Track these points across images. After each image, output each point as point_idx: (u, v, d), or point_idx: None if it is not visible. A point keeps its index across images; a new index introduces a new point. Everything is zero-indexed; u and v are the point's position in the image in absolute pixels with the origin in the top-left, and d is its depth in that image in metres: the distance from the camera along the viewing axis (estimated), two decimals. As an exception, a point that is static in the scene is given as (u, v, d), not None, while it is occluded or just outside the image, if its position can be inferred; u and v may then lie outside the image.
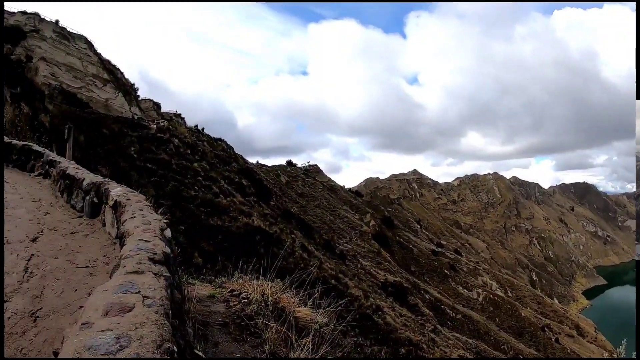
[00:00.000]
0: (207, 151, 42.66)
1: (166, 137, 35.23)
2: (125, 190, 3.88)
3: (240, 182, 37.32)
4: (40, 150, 6.72)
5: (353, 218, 59.98)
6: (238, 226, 24.68)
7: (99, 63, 53.93)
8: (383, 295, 34.85)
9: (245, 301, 2.89)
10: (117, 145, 28.15)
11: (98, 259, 3.43)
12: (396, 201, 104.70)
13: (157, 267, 1.89)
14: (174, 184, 26.23)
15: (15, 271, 3.07)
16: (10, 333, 2.25)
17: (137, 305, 1.47)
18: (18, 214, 4.33)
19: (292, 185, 63.62)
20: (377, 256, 49.78)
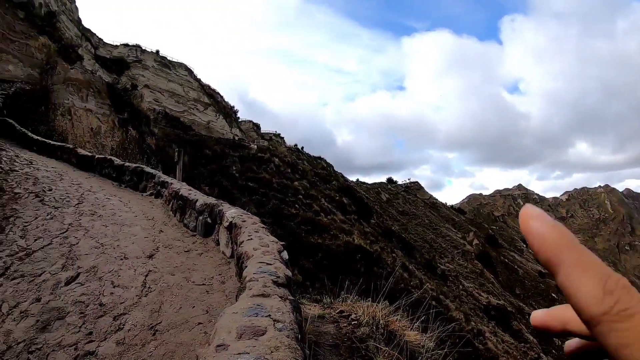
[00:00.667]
0: (307, 170, 50.22)
1: (267, 157, 42.96)
2: (240, 212, 4.56)
3: (340, 200, 43.33)
4: (152, 172, 8.32)
5: (455, 236, 67.19)
6: (338, 244, 28.91)
7: (200, 88, 67.95)
8: (485, 319, 38.12)
9: (355, 323, 3.28)
10: (220, 165, 35.03)
11: (213, 277, 3.95)
12: (500, 218, 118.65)
13: (281, 290, 2.24)
14: (275, 202, 31.87)
15: (134, 286, 3.75)
16: (130, 344, 2.70)
17: (269, 328, 1.73)
18: (134, 232, 5.38)
19: (393, 203, 72.36)
20: (480, 277, 54.54)
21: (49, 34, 27.99)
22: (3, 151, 9.00)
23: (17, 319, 3.06)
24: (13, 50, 22.79)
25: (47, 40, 25.22)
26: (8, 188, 6.24)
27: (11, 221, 4.99)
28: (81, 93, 20.06)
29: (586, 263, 0.28)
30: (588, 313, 0.27)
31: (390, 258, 33.41)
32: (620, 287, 0.27)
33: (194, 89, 67.45)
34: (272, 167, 41.09)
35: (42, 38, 25.28)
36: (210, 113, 66.94)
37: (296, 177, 42.61)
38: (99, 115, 19.89)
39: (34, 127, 13.29)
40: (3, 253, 4.12)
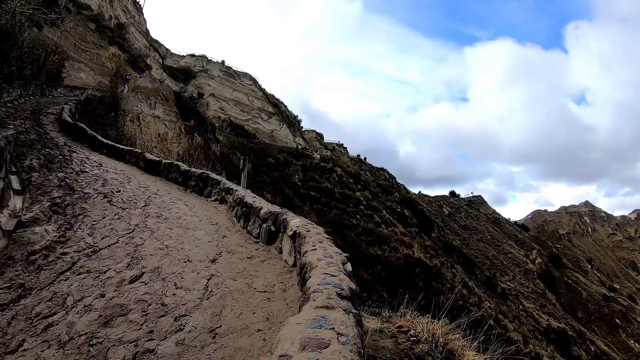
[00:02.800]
0: (369, 180, 51.73)
1: (329, 167, 44.86)
2: (304, 221, 4.62)
3: (402, 212, 44.89)
4: (217, 178, 8.63)
5: (518, 254, 69.97)
6: (398, 257, 30.11)
7: (264, 97, 71.92)
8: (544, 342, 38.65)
9: (414, 339, 3.39)
10: (282, 173, 36.97)
11: (275, 285, 3.95)
12: (565, 237, 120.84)
13: (345, 303, 2.31)
14: (336, 212, 33.71)
15: (196, 288, 3.83)
16: (189, 346, 2.77)
17: (333, 342, 1.78)
18: (198, 235, 5.55)
19: (455, 217, 76.57)
20: (542, 298, 56.55)
21: (119, 44, 30.48)
22: (74, 153, 9.77)
23: (80, 312, 3.22)
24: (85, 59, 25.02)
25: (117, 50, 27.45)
26: (78, 188, 6.72)
27: (80, 219, 5.33)
28: (149, 100, 21.49)
29: None
30: None
31: (450, 273, 34.76)
32: None
33: (258, 98, 70.62)
34: (335, 176, 43.05)
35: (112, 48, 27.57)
36: (274, 122, 69.51)
37: (358, 187, 44.17)
38: (166, 122, 21.20)
39: (104, 131, 14.39)
40: (71, 249, 4.40)
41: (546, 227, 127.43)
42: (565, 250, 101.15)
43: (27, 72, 16.87)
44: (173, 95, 25.86)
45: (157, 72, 44.82)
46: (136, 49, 41.14)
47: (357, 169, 55.64)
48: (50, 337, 2.89)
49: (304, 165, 41.65)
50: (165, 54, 63.35)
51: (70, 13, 25.32)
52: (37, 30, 20.26)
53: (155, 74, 39.66)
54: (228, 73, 68.71)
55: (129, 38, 41.62)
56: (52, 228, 4.81)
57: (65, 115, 14.42)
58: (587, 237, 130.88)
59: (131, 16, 49.08)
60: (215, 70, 67.35)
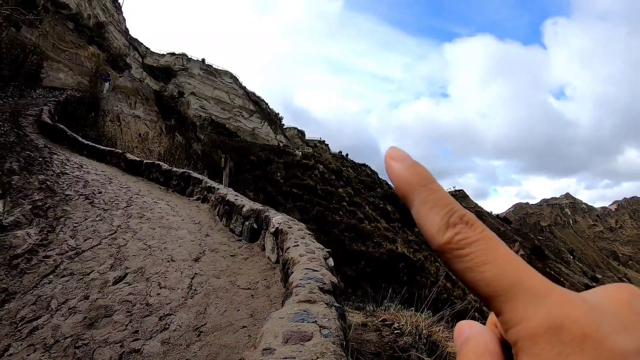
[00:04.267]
0: (352, 177, 52.24)
1: (311, 163, 44.76)
2: (286, 218, 4.67)
3: (384, 208, 45.15)
4: (198, 177, 8.59)
5: None
6: (381, 252, 30.48)
7: (245, 95, 71.35)
8: None
9: (397, 332, 3.41)
10: (265, 171, 36.82)
11: (258, 282, 3.99)
12: (547, 229, 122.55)
13: (327, 297, 2.31)
14: (319, 208, 33.77)
15: (180, 287, 3.84)
16: (175, 344, 2.79)
17: (315, 334, 1.80)
18: (181, 235, 5.54)
19: None
20: None
21: (98, 43, 29.91)
22: (55, 155, 9.60)
23: (65, 314, 3.20)
24: (64, 59, 24.49)
25: (96, 50, 26.89)
26: (59, 190, 6.62)
27: (62, 221, 5.27)
28: (129, 100, 21.16)
29: (435, 200, 0.32)
30: (434, 243, 0.30)
31: (434, 267, 35.16)
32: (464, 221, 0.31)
33: (239, 96, 70.10)
34: (317, 173, 43.11)
35: (91, 48, 27.00)
36: (255, 120, 69.13)
37: (340, 184, 44.52)
38: (146, 121, 20.90)
39: (84, 132, 14.14)
40: (53, 252, 4.36)
41: (528, 219, 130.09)
42: (547, 242, 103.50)
43: (5, 73, 16.47)
44: (153, 94, 25.53)
45: (137, 71, 44.09)
46: (115, 48, 40.39)
47: (339, 165, 55.82)
48: (36, 340, 2.87)
49: (286, 162, 41.58)
50: (145, 52, 62.34)
51: (48, 12, 24.71)
52: (15, 30, 19.75)
53: (135, 73, 39.05)
54: (208, 71, 68.01)
55: (108, 37, 40.86)
56: (34, 231, 4.75)
57: (45, 116, 14.13)
58: (569, 229, 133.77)
59: (110, 15, 48.14)
60: (196, 68, 66.60)
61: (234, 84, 71.31)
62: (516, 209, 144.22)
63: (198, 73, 66.52)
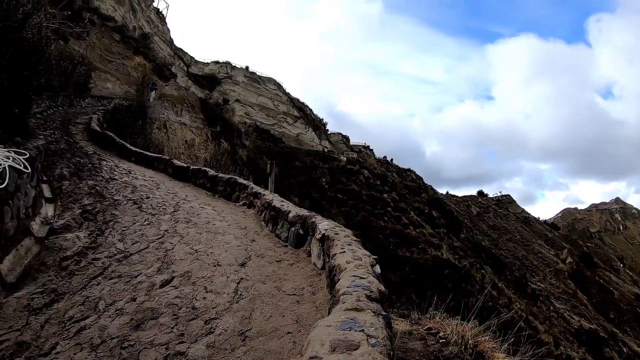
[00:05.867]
0: (396, 182, 51.78)
1: (356, 169, 45.19)
2: (333, 224, 4.64)
3: (429, 213, 44.89)
4: (245, 182, 8.73)
5: (548, 254, 69.56)
6: (426, 258, 30.36)
7: (289, 101, 72.73)
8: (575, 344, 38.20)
9: (443, 341, 3.41)
10: (309, 176, 37.55)
11: (304, 288, 3.95)
12: (596, 235, 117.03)
13: (374, 305, 2.35)
14: (363, 214, 34.03)
15: (226, 292, 3.86)
16: (220, 348, 2.82)
17: (362, 343, 1.82)
18: (227, 240, 5.60)
19: (484, 217, 76.36)
20: (573, 298, 56.01)
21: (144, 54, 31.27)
22: (104, 161, 10.06)
23: (112, 316, 3.30)
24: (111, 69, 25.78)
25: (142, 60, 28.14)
26: (108, 195, 6.90)
27: (110, 225, 5.48)
28: (176, 108, 21.95)
29: None
30: None
31: (479, 274, 34.69)
32: None
33: (283, 103, 71.42)
34: (362, 178, 43.40)
35: (138, 58, 28.28)
36: (299, 126, 70.11)
37: (385, 189, 44.52)
38: (193, 128, 21.61)
39: (132, 139, 14.77)
40: (102, 254, 4.52)
41: (576, 225, 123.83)
42: (597, 249, 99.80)
43: (55, 84, 17.48)
44: (199, 102, 26.36)
45: (182, 79, 45.75)
46: (161, 57, 42.11)
47: (384, 170, 55.94)
48: (83, 340, 2.96)
49: (330, 168, 42.11)
50: (190, 61, 64.58)
51: (94, 25, 26.19)
52: (64, 43, 21.03)
53: (181, 81, 40.51)
54: (252, 78, 69.72)
55: (154, 47, 42.62)
56: (84, 234, 4.95)
57: (94, 124, 14.87)
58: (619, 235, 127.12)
59: (155, 26, 50.28)
60: (240, 76, 68.43)
61: (277, 90, 72.74)
62: (564, 215, 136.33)
63: (242, 80, 68.31)
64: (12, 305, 3.42)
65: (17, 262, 4.06)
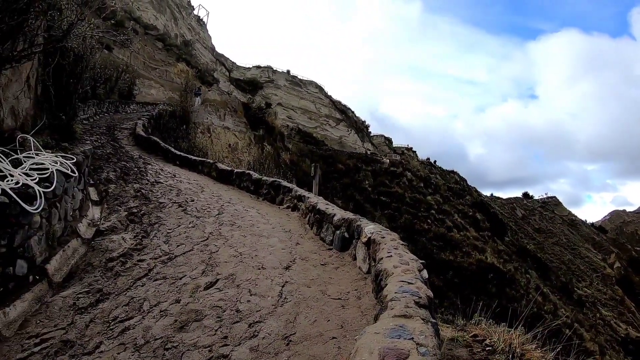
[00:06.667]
0: (440, 184, 51.59)
1: (399, 171, 45.19)
2: (379, 228, 4.56)
3: (474, 216, 44.93)
4: (288, 185, 8.76)
5: (595, 258, 68.78)
6: (470, 262, 30.48)
7: (331, 104, 73.12)
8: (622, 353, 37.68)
9: (489, 349, 3.36)
10: (352, 179, 37.77)
11: (349, 292, 3.86)
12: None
13: (423, 312, 2.31)
14: (407, 216, 34.24)
15: (270, 295, 3.83)
16: (263, 352, 2.79)
17: (412, 353, 1.79)
18: (271, 243, 5.59)
19: (529, 220, 75.88)
20: (620, 305, 55.23)
21: (186, 60, 32.23)
22: (149, 165, 10.35)
23: (156, 317, 3.34)
24: (154, 76, 26.71)
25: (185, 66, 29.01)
26: (154, 198, 7.07)
27: (156, 227, 5.59)
28: (219, 112, 22.41)
29: None
30: None
31: (524, 279, 34.52)
32: None
33: (325, 105, 71.81)
34: (405, 181, 43.51)
35: (180, 64, 29.18)
36: (342, 128, 70.22)
37: (429, 191, 44.65)
38: (236, 132, 22.00)
39: (176, 143, 15.20)
40: (147, 256, 4.61)
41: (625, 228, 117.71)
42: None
43: (100, 91, 18.28)
44: (241, 106, 26.85)
45: (224, 85, 46.77)
46: (203, 64, 43.24)
47: (427, 172, 55.96)
48: (127, 340, 3.01)
49: (373, 170, 42.17)
50: (231, 67, 66.06)
51: (137, 34, 27.25)
52: (108, 51, 21.98)
53: (223, 86, 41.43)
54: (294, 82, 70.56)
55: (195, 54, 43.84)
56: (129, 236, 5.06)
57: (139, 129, 15.38)
58: None
59: (196, 33, 51.79)
60: (281, 80, 69.39)
61: (319, 93, 73.25)
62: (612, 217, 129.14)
63: (284, 84, 69.21)
64: (58, 304, 3.52)
65: (64, 262, 4.19)
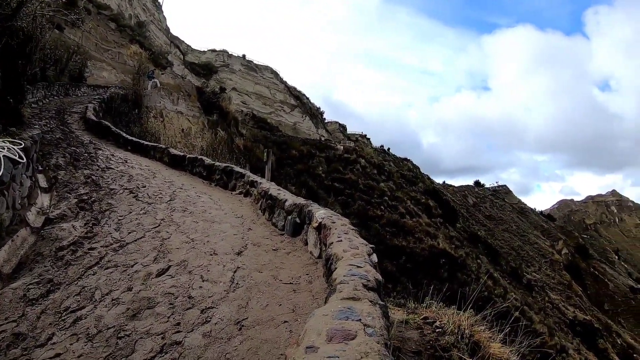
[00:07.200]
0: (393, 171, 51.83)
1: (353, 158, 44.87)
2: (329, 213, 4.62)
3: (426, 203, 44.93)
4: (241, 171, 8.69)
5: (544, 244, 70.52)
6: (423, 248, 30.50)
7: (286, 90, 72.57)
8: (570, 334, 38.85)
9: (439, 331, 3.42)
10: (306, 165, 37.33)
11: (301, 277, 3.94)
12: (592, 227, 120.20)
13: (371, 294, 2.33)
14: (360, 203, 34.01)
15: (223, 281, 3.84)
16: (216, 337, 2.81)
17: (359, 333, 1.80)
18: (223, 229, 5.57)
19: (480, 207, 77.02)
20: (568, 289, 56.83)
21: (140, 42, 30.97)
22: (100, 150, 9.99)
23: (108, 305, 3.28)
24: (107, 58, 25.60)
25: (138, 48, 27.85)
26: (104, 184, 6.86)
27: (106, 215, 5.44)
28: (172, 96, 21.78)
29: None
30: None
31: (475, 264, 34.88)
32: None
33: (280, 91, 71.23)
34: (358, 168, 43.34)
35: (133, 46, 28.01)
36: (296, 114, 70.00)
37: (382, 178, 44.47)
38: (189, 117, 21.49)
39: (128, 128, 14.68)
40: (98, 244, 4.50)
41: (572, 217, 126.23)
42: (592, 240, 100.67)
43: (50, 73, 17.33)
44: (195, 90, 26.19)
45: (178, 68, 45.38)
46: (157, 46, 41.72)
47: (380, 159, 55.65)
48: (79, 330, 2.95)
49: (327, 157, 41.95)
50: (186, 50, 64.14)
51: (90, 14, 25.89)
52: (59, 32, 20.80)
53: (177, 70, 40.19)
54: (249, 67, 69.39)
55: (150, 36, 42.25)
56: (80, 224, 4.92)
57: (90, 113, 14.75)
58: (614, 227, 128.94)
59: (151, 14, 49.80)
60: (237, 64, 68.08)
61: (274, 78, 72.46)
62: (560, 206, 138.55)
63: (239, 69, 67.96)
64: (9, 296, 3.40)
65: (13, 252, 4.04)
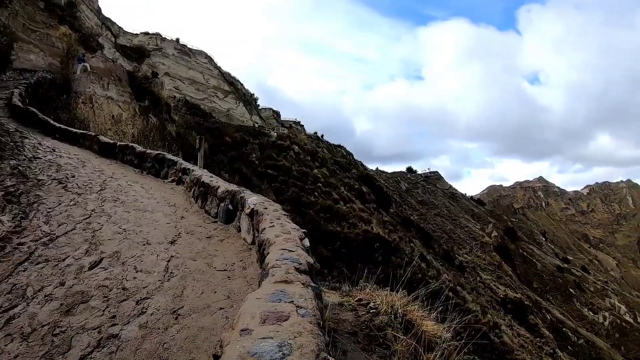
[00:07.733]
0: (327, 158, 51.74)
1: (286, 144, 44.07)
2: (262, 199, 4.60)
3: (360, 189, 44.91)
4: (173, 159, 8.42)
5: (474, 228, 70.91)
6: (357, 233, 30.31)
7: (220, 76, 69.90)
8: (501, 312, 39.85)
9: (373, 311, 3.42)
10: (240, 152, 36.41)
11: (235, 263, 3.97)
12: (520, 211, 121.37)
13: (303, 277, 2.32)
14: (294, 189, 33.50)
15: (156, 271, 3.78)
16: (153, 328, 2.77)
17: (292, 314, 1.81)
18: (156, 218, 5.43)
19: (412, 193, 76.74)
20: (498, 269, 57.94)
21: (69, 23, 28.61)
22: (26, 139, 9.24)
23: (41, 302, 3.13)
24: (34, 40, 23.40)
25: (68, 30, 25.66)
26: (31, 175, 6.40)
27: (35, 207, 5.11)
28: (102, 81, 20.40)
29: None
30: None
31: (409, 248, 34.88)
32: None
33: (214, 77, 68.74)
34: (292, 154, 42.63)
35: (63, 27, 25.76)
36: (230, 100, 68.12)
37: (316, 165, 43.97)
38: (120, 103, 20.27)
39: (56, 115, 13.63)
40: (27, 238, 4.23)
41: (501, 201, 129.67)
42: (520, 223, 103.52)
43: (-28, 55, 15.61)
44: (127, 75, 24.72)
45: (109, 51, 42.52)
46: (87, 27, 38.73)
47: (314, 146, 55.27)
48: (13, 330, 2.80)
49: (261, 143, 41.09)
50: (118, 32, 59.92)
51: (17, -10, 23.38)
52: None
53: (108, 53, 37.67)
54: (183, 51, 66.15)
55: (80, 16, 39.01)
56: (7, 218, 4.60)
57: (15, 99, 13.55)
58: (541, 211, 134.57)
59: (81, -7, 45.90)
60: (170, 48, 64.64)
61: (208, 64, 69.73)
62: (490, 191, 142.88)
63: (172, 53, 64.65)
64: None
65: None
